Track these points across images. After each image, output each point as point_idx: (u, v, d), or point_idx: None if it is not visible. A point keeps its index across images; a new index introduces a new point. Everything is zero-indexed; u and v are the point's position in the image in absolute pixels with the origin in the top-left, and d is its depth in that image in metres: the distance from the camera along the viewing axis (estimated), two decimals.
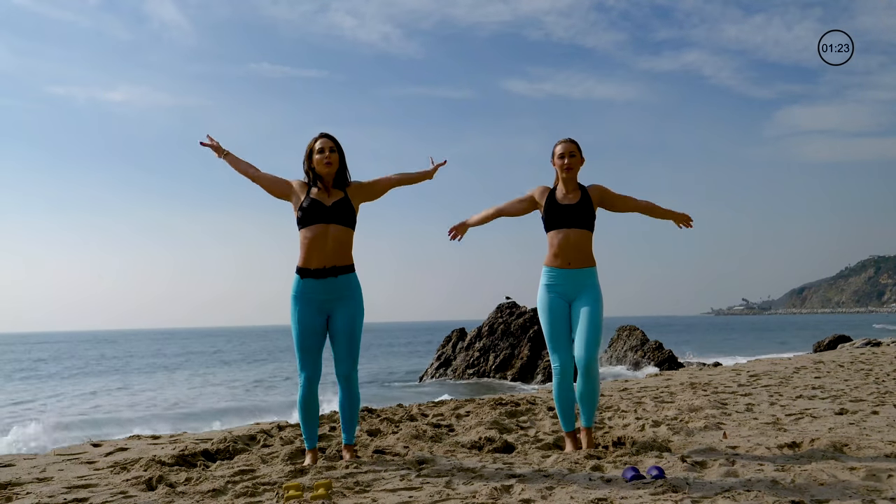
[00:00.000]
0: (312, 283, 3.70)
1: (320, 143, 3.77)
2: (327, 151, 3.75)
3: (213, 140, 3.91)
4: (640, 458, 3.66)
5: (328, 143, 3.77)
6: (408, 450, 4.05)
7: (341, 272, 3.72)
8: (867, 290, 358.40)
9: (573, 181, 4.04)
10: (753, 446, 4.00)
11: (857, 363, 10.61)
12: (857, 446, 3.84)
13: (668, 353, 18.27)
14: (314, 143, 3.79)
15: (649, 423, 4.85)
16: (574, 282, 3.98)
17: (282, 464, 3.75)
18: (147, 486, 3.31)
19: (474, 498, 2.90)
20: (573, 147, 4.04)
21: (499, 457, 3.85)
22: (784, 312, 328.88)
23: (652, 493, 2.86)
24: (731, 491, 2.87)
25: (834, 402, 5.99)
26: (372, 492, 3.04)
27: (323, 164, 3.73)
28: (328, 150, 3.75)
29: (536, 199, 4.10)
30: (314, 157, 3.77)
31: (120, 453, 4.27)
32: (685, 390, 7.33)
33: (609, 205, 4.09)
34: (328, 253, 3.69)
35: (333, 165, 3.75)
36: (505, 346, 18.04)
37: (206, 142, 3.90)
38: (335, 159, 3.76)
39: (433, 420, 5.29)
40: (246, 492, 3.07)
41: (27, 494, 3.20)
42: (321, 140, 3.78)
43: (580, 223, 3.96)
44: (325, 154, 3.74)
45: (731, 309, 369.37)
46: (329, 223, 3.69)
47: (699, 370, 11.58)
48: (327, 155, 3.74)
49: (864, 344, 17.80)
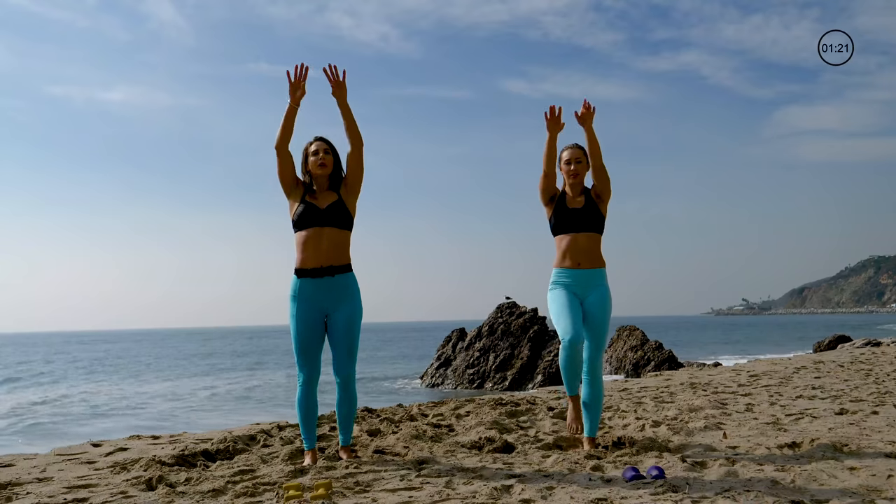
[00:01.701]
0: (310, 283, 3.71)
1: (315, 146, 3.81)
2: (321, 153, 3.78)
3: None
4: (640, 458, 3.67)
5: (322, 146, 3.81)
6: (408, 450, 4.05)
7: (338, 272, 3.72)
8: (867, 290, 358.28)
9: (580, 186, 4.07)
10: (753, 446, 4.00)
11: (857, 363, 10.61)
12: (857, 446, 3.84)
13: (669, 353, 18.25)
14: (309, 146, 3.84)
15: (649, 423, 4.85)
16: (584, 282, 4.00)
17: (282, 464, 3.74)
18: (147, 486, 3.31)
19: (474, 498, 2.90)
20: (580, 153, 4.06)
21: (499, 457, 3.85)
22: (784, 312, 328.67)
23: (652, 493, 2.86)
24: (731, 491, 2.87)
25: (834, 402, 5.99)
26: (372, 492, 3.04)
27: (317, 166, 3.77)
28: (322, 153, 3.78)
29: (552, 196, 4.07)
30: (309, 160, 3.81)
31: (120, 453, 4.27)
32: (685, 390, 7.34)
33: (599, 191, 4.06)
34: (324, 253, 3.70)
35: (327, 167, 3.78)
36: (505, 346, 18.04)
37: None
38: (329, 161, 3.79)
39: (433, 420, 5.29)
40: (246, 492, 3.07)
41: (27, 494, 3.20)
42: (315, 143, 3.82)
43: (589, 227, 3.99)
44: (319, 156, 3.78)
45: (731, 309, 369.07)
46: (324, 226, 3.71)
47: (699, 370, 11.58)
48: (321, 157, 3.77)
49: (864, 344, 17.81)
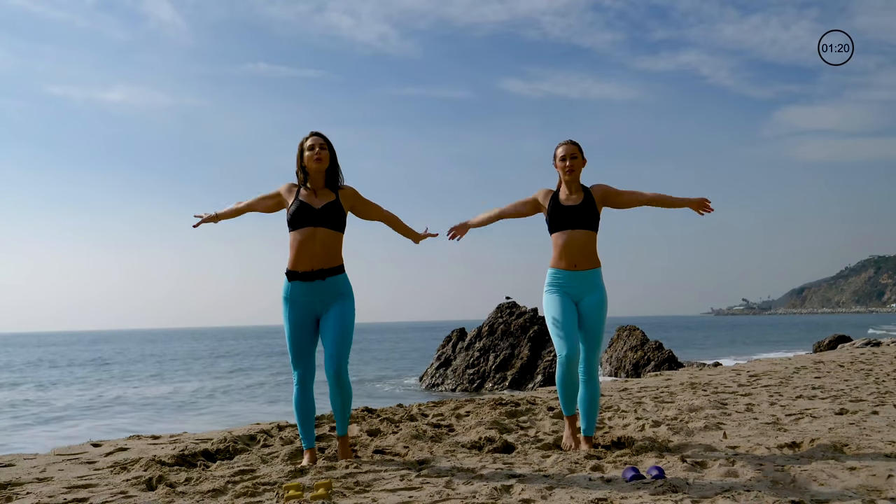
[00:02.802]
0: (301, 286, 3.70)
1: (311, 141, 3.79)
2: (317, 148, 3.75)
3: (202, 216, 3.99)
4: (640, 458, 3.66)
5: (318, 141, 3.78)
6: (408, 450, 4.05)
7: (329, 274, 3.70)
8: (867, 290, 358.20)
9: (576, 182, 4.04)
10: (753, 446, 4.00)
11: (857, 363, 10.61)
12: (857, 446, 3.84)
13: (669, 353, 18.24)
14: (304, 141, 3.81)
15: (649, 423, 4.85)
16: (580, 283, 3.98)
17: (282, 464, 3.74)
18: (147, 486, 3.31)
19: (474, 498, 2.90)
20: (574, 149, 4.03)
21: (499, 457, 3.85)
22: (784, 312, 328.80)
23: (652, 493, 2.86)
24: (731, 491, 2.87)
25: (834, 402, 5.99)
26: (372, 492, 3.04)
27: (313, 161, 3.74)
28: (318, 147, 3.76)
29: (540, 201, 4.09)
30: (305, 155, 3.78)
31: (120, 453, 4.27)
32: (685, 390, 7.33)
33: (613, 202, 4.07)
34: (316, 255, 3.68)
35: (323, 162, 3.75)
36: (505, 346, 18.03)
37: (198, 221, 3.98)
38: (325, 156, 3.76)
39: (433, 420, 5.29)
40: (246, 492, 3.07)
41: (27, 494, 3.20)
42: (312, 138, 3.80)
43: (584, 224, 3.96)
44: (315, 151, 3.75)
45: (731, 309, 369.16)
46: (317, 226, 3.69)
47: (699, 370, 11.58)
48: (317, 151, 3.74)
49: (864, 344, 17.80)
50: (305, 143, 3.80)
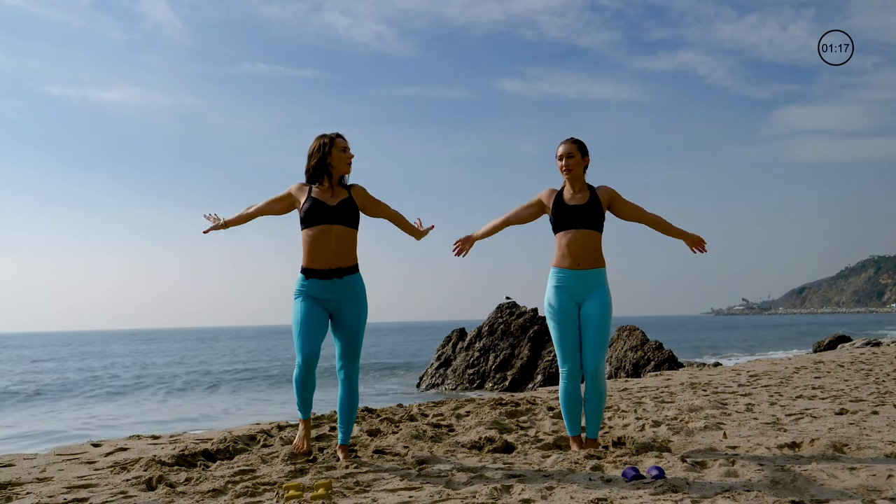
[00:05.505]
0: (317, 284, 3.70)
1: (343, 143, 3.77)
2: (349, 151, 3.78)
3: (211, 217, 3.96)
4: (640, 458, 3.66)
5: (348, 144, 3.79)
6: (408, 450, 4.05)
7: (346, 273, 3.72)
8: (867, 290, 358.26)
9: (579, 181, 3.99)
10: (753, 446, 4.00)
11: (857, 363, 10.61)
12: (857, 446, 3.84)
13: (669, 353, 18.23)
14: (336, 141, 3.75)
15: (649, 423, 4.85)
16: (583, 283, 3.93)
17: (282, 464, 3.74)
18: (147, 486, 3.31)
19: (474, 498, 2.90)
20: (572, 148, 3.98)
21: (499, 457, 3.85)
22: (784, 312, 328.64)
23: (652, 493, 2.86)
24: (731, 491, 2.87)
25: (834, 402, 5.99)
26: (372, 492, 3.04)
27: (346, 164, 3.76)
28: (349, 151, 3.78)
29: (544, 202, 4.06)
30: (335, 155, 3.73)
31: (120, 453, 4.27)
32: (685, 390, 7.33)
33: (617, 210, 4.04)
34: (333, 253, 3.68)
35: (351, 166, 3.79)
36: (505, 346, 18.03)
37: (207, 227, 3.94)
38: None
39: (433, 420, 5.29)
40: (246, 492, 3.07)
41: (27, 494, 3.20)
42: (342, 139, 3.77)
43: (588, 224, 3.91)
44: (348, 153, 3.76)
45: (731, 309, 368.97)
46: (333, 224, 3.69)
47: (699, 370, 11.58)
48: (352, 155, 3.78)
49: (864, 344, 17.80)
50: (339, 141, 3.76)
